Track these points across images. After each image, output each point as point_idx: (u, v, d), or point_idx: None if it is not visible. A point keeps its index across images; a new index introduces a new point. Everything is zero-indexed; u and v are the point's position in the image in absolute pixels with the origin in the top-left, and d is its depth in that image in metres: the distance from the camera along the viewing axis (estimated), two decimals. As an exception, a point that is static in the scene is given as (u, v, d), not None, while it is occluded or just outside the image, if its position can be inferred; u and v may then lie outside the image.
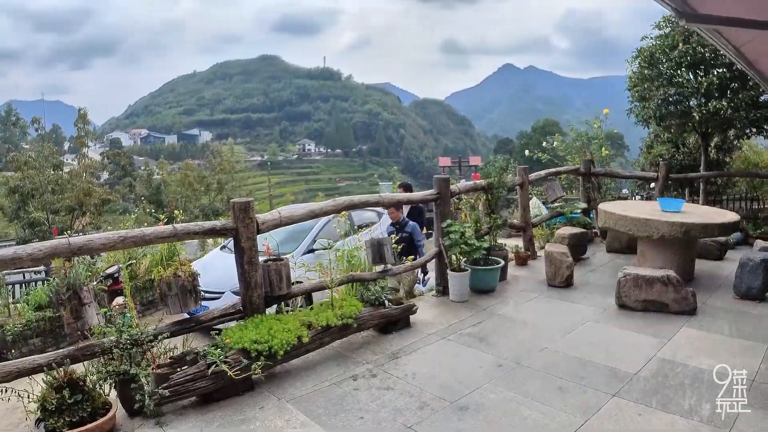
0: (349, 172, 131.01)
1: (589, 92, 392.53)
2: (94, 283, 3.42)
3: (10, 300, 7.88)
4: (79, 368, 3.30)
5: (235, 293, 6.48)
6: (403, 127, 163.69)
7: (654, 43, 9.99)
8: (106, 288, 7.98)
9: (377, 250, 5.11)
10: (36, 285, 8.95)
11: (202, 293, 7.56)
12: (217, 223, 3.95)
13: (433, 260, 6.03)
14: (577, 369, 4.01)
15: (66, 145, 23.83)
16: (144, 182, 36.85)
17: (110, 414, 3.10)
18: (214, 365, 3.34)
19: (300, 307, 4.82)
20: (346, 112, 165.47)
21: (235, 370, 3.44)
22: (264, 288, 4.16)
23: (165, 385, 3.26)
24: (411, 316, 5.06)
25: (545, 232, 8.71)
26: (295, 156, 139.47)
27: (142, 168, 42.06)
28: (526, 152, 11.69)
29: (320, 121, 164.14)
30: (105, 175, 34.71)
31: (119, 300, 7.02)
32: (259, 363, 3.49)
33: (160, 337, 3.50)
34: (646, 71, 10.02)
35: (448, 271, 5.78)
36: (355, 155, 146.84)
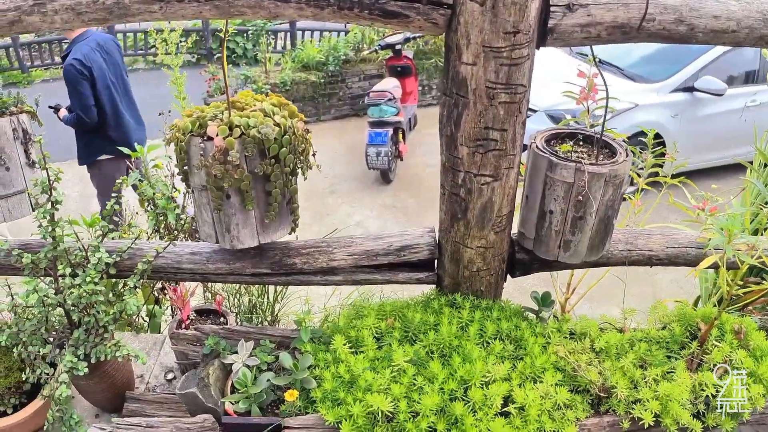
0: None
1: None
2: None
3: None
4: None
5: (552, 117, 4.43)
6: None
7: None
8: (385, 62, 5.84)
9: None
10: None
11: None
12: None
13: None
14: None
15: None
16: None
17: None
18: None
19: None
20: None
21: None
22: (522, 231, 1.49)
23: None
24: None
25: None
26: None
27: None
28: None
29: None
30: None
31: (390, 85, 4.97)
32: None
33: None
34: None
35: None
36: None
